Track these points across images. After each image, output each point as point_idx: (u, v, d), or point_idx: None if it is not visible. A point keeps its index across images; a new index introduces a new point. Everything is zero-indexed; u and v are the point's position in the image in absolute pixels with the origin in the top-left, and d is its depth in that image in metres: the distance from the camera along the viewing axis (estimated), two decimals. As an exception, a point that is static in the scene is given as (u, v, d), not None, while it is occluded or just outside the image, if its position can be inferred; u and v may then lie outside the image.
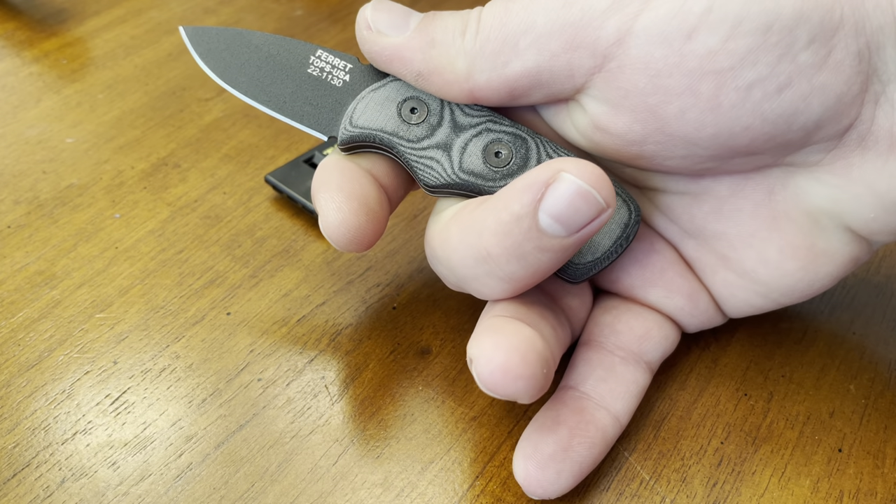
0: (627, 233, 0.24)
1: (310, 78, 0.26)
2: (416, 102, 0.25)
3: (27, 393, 0.26)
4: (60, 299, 0.29)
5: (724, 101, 0.21)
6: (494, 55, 0.23)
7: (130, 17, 0.44)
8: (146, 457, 0.24)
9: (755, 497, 0.24)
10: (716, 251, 0.25)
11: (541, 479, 0.23)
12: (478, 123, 0.25)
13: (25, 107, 0.38)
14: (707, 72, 0.21)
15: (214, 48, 0.27)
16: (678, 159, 0.23)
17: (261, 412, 0.26)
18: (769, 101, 0.21)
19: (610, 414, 0.24)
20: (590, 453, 0.23)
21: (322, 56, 0.26)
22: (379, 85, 0.25)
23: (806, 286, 0.25)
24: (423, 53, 0.24)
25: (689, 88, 0.21)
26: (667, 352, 0.26)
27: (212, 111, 0.38)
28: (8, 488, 0.23)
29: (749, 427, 0.26)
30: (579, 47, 0.22)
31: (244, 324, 0.28)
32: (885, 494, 0.24)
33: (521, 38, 0.22)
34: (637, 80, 0.22)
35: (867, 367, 0.28)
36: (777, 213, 0.24)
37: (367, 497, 0.24)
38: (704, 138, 0.22)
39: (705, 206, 0.25)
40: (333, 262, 0.31)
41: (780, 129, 0.22)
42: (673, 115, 0.22)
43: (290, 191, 0.32)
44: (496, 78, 0.23)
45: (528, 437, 0.24)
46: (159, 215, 0.32)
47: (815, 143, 0.22)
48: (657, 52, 0.21)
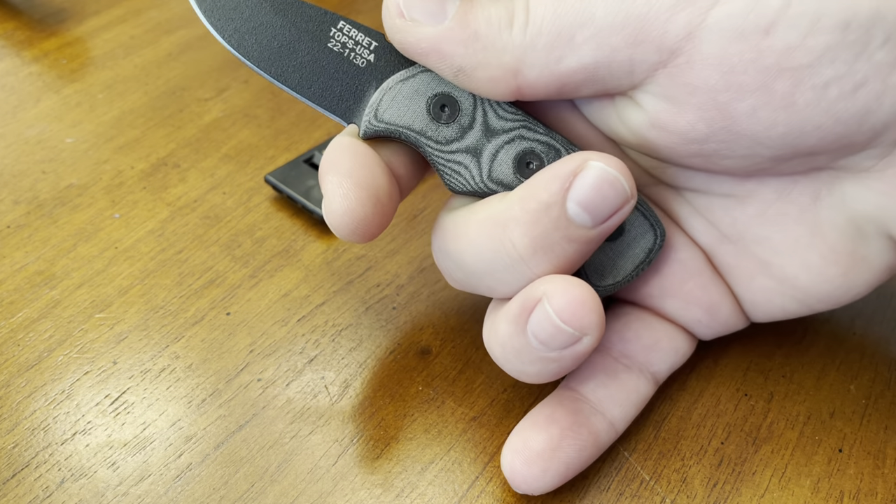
0: (651, 257, 0.24)
1: (330, 53, 0.23)
2: (448, 99, 0.23)
3: (27, 393, 0.26)
4: (60, 299, 0.29)
5: (799, 100, 0.21)
6: (548, 50, 0.21)
7: (130, 16, 0.44)
8: (146, 457, 0.24)
9: (755, 497, 0.24)
10: (756, 256, 0.25)
11: (525, 475, 0.23)
12: (511, 129, 0.23)
13: (25, 107, 0.38)
14: (784, 69, 0.20)
15: (223, 6, 0.24)
16: (737, 159, 0.22)
17: (260, 412, 0.26)
18: (844, 100, 0.20)
19: (606, 419, 0.24)
20: (578, 455, 0.23)
21: (345, 29, 0.23)
22: (408, 75, 0.23)
23: (843, 293, 0.24)
24: (466, 47, 0.22)
25: (763, 85, 0.20)
26: (675, 364, 0.26)
27: (211, 111, 0.38)
28: (7, 488, 0.23)
29: (749, 427, 0.26)
30: (644, 42, 0.21)
31: (244, 324, 0.28)
32: (886, 495, 0.24)
33: (579, 32, 0.21)
34: (708, 76, 0.21)
35: (867, 368, 0.28)
36: (822, 218, 0.24)
37: (367, 497, 0.24)
38: (773, 137, 0.21)
39: (749, 210, 0.24)
40: (333, 262, 0.31)
41: (850, 128, 0.21)
42: (743, 112, 0.21)
43: (290, 191, 0.32)
44: (548, 74, 0.22)
45: (519, 432, 0.23)
46: (159, 215, 0.32)
47: (875, 146, 0.22)
48: (732, 47, 0.20)
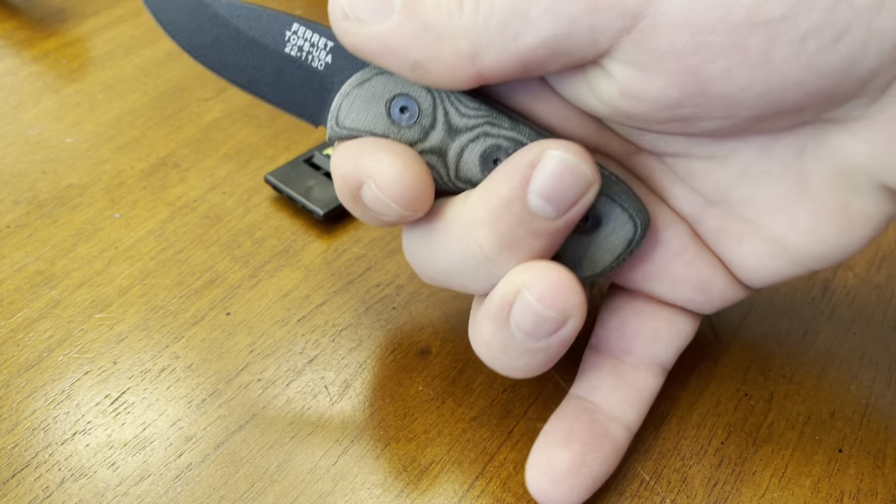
0: (632, 248, 0.23)
1: (288, 59, 0.23)
2: (406, 100, 0.22)
3: (27, 393, 0.26)
4: (60, 299, 0.29)
5: (775, 56, 0.19)
6: (503, 28, 0.20)
7: (130, 16, 0.44)
8: (146, 457, 0.24)
9: (755, 497, 0.24)
10: (743, 218, 0.24)
11: (553, 494, 0.23)
12: (474, 126, 0.22)
13: (25, 107, 0.38)
14: (756, 24, 0.19)
15: (181, 21, 0.23)
16: (715, 121, 0.21)
17: (260, 412, 0.26)
18: (825, 52, 0.19)
19: (622, 425, 0.24)
20: (602, 468, 0.23)
21: (299, 32, 0.23)
22: (363, 77, 0.22)
23: (840, 251, 0.23)
24: (418, 39, 0.20)
25: (735, 44, 0.19)
26: (680, 347, 0.26)
27: (211, 111, 0.38)
28: (7, 488, 0.23)
29: (749, 427, 0.26)
30: (603, 8, 0.19)
31: (244, 324, 0.28)
32: (886, 495, 0.24)
33: (533, 6, 0.19)
34: (674, 39, 0.19)
35: (867, 368, 0.28)
36: (808, 173, 0.23)
37: (367, 497, 0.24)
38: (751, 98, 0.20)
39: (730, 170, 0.23)
40: (333, 262, 0.31)
41: (835, 81, 0.20)
42: (717, 74, 0.19)
43: (290, 191, 0.32)
44: (507, 54, 0.20)
45: (541, 451, 0.23)
46: (159, 215, 0.32)
47: (863, 95, 0.20)
48: (697, 5, 0.19)
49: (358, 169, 0.22)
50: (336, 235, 0.32)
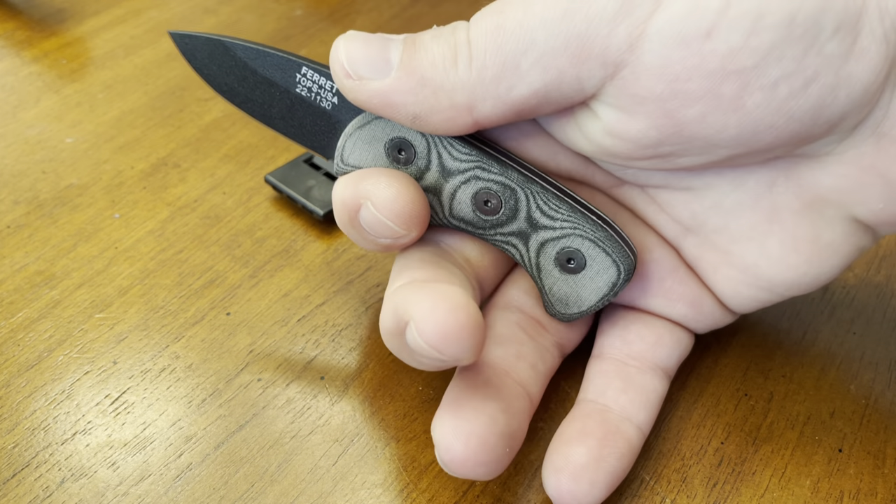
0: (616, 290, 0.24)
1: (299, 99, 0.25)
2: (403, 143, 0.24)
3: (27, 393, 0.26)
4: (60, 299, 0.29)
5: (748, 102, 0.20)
6: (496, 81, 0.21)
7: (130, 17, 0.44)
8: (146, 457, 0.24)
9: (755, 497, 0.24)
10: (717, 247, 0.25)
11: (574, 490, 0.22)
12: (466, 169, 0.24)
13: (25, 107, 0.38)
14: (730, 72, 0.20)
15: (204, 58, 0.26)
16: (693, 157, 0.22)
17: (261, 412, 0.26)
18: (795, 97, 0.20)
19: (633, 425, 0.24)
20: (620, 464, 0.23)
21: (308, 74, 0.24)
22: (365, 120, 0.24)
23: (811, 279, 0.24)
24: (416, 95, 0.22)
25: (710, 91, 0.20)
26: (682, 356, 0.26)
27: (211, 111, 0.38)
28: (7, 488, 0.23)
29: (749, 427, 0.26)
30: (588, 59, 0.20)
31: (244, 324, 0.28)
32: (886, 494, 0.24)
33: (522, 59, 0.21)
34: (653, 85, 0.20)
35: (867, 367, 0.28)
36: (779, 205, 0.24)
37: (367, 497, 0.24)
38: (725, 139, 0.21)
39: (706, 202, 0.25)
40: (333, 262, 0.31)
41: (805, 125, 0.21)
42: (693, 119, 0.21)
43: (290, 191, 0.32)
44: (501, 104, 0.22)
45: (557, 450, 0.23)
46: (159, 215, 0.32)
47: (833, 134, 0.21)
48: (674, 54, 0.20)
49: (357, 192, 0.23)
50: (336, 235, 0.32)
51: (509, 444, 0.22)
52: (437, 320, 0.19)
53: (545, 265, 0.24)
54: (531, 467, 0.25)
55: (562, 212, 0.24)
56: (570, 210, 0.24)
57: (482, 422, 0.21)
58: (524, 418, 0.23)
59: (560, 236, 0.24)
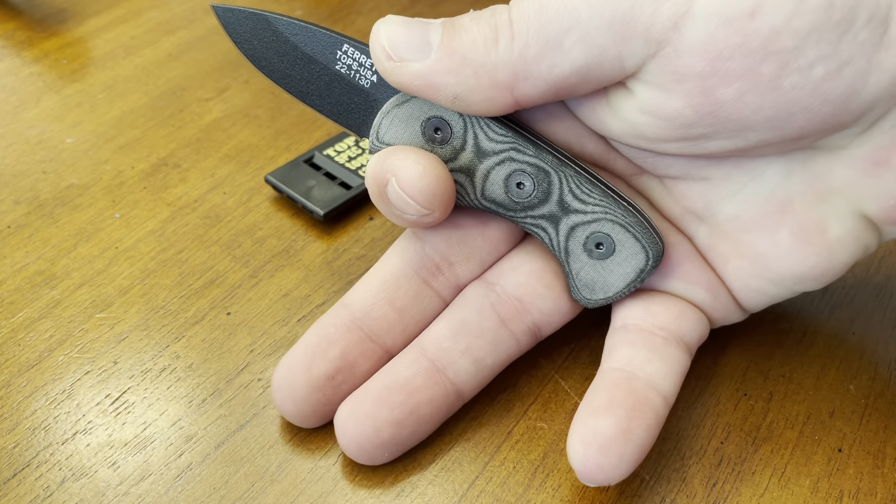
0: (643, 276, 0.24)
1: (338, 76, 0.25)
2: (440, 123, 0.24)
3: (27, 393, 0.26)
4: (60, 299, 0.29)
5: (785, 83, 0.21)
6: (538, 59, 0.21)
7: (130, 17, 0.44)
8: (146, 457, 0.24)
9: (755, 497, 0.24)
10: (729, 236, 0.25)
11: (603, 463, 0.22)
12: (501, 150, 0.24)
13: (25, 107, 0.38)
14: (770, 52, 0.20)
15: (245, 32, 0.26)
16: (723, 142, 0.23)
17: (261, 412, 0.26)
18: (830, 80, 0.21)
19: (660, 395, 0.23)
20: (647, 435, 0.22)
21: (349, 52, 0.25)
22: (403, 99, 0.24)
23: (818, 274, 0.25)
24: (457, 75, 0.22)
25: (749, 70, 0.21)
26: (702, 336, 0.26)
27: (212, 111, 0.38)
28: (8, 488, 0.23)
29: (749, 427, 0.26)
30: (632, 38, 0.21)
31: (244, 324, 0.28)
32: (885, 494, 0.24)
33: (566, 37, 0.21)
34: (694, 63, 0.21)
35: (867, 367, 0.28)
36: (792, 195, 0.24)
37: (367, 497, 0.24)
38: (760, 121, 0.22)
39: (723, 191, 0.25)
40: (333, 262, 0.31)
41: (838, 108, 0.21)
42: (730, 98, 0.21)
43: (290, 191, 0.32)
44: (542, 83, 0.22)
45: (584, 422, 0.22)
46: (159, 215, 0.33)
47: (857, 125, 0.22)
48: (718, 33, 0.20)
49: (384, 167, 0.23)
50: (336, 235, 0.32)
51: (400, 434, 0.24)
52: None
53: (574, 249, 0.25)
54: (531, 467, 0.25)
55: (594, 196, 0.24)
56: (602, 195, 0.24)
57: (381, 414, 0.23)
58: (440, 414, 0.25)
59: (591, 220, 0.24)
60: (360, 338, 0.25)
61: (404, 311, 0.25)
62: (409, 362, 0.24)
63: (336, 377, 0.24)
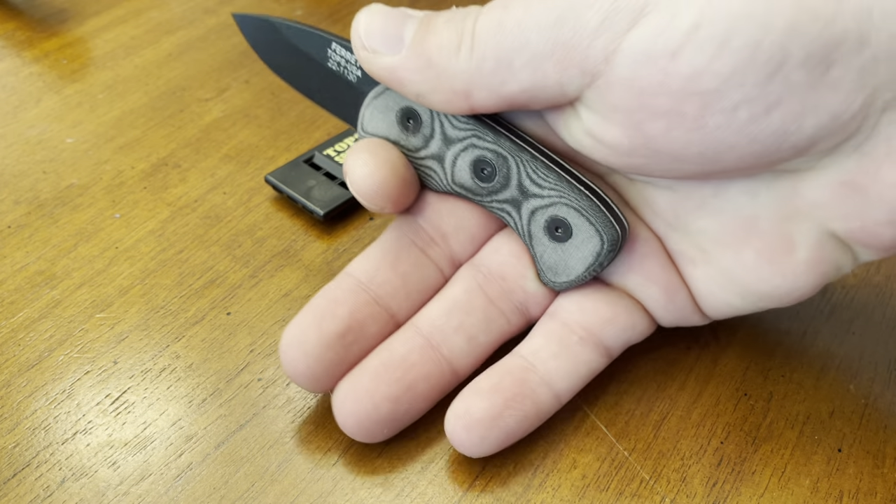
0: (601, 260, 0.24)
1: (330, 72, 0.27)
2: (411, 113, 0.25)
3: (27, 393, 0.26)
4: (60, 299, 0.29)
5: (709, 123, 0.21)
6: (492, 74, 0.22)
7: (130, 17, 0.44)
8: (146, 456, 0.24)
9: (755, 497, 0.24)
10: (696, 244, 0.25)
11: (464, 440, 0.24)
12: (464, 137, 0.25)
13: (25, 107, 0.38)
14: (691, 93, 0.20)
15: (259, 37, 0.28)
16: (665, 170, 0.23)
17: (261, 412, 0.26)
18: (756, 122, 0.20)
19: (552, 391, 0.25)
20: (519, 426, 0.24)
21: (337, 50, 0.26)
22: (380, 91, 0.26)
23: (784, 293, 0.24)
24: (421, 74, 0.23)
25: (673, 109, 0.21)
26: (630, 340, 0.26)
27: (212, 111, 0.38)
28: (8, 488, 0.24)
29: (749, 427, 0.26)
30: (570, 67, 0.22)
31: (244, 324, 0.28)
32: (885, 494, 0.24)
33: (516, 58, 0.22)
34: (623, 97, 0.21)
35: (867, 367, 0.28)
36: (758, 216, 0.24)
37: (367, 497, 0.24)
38: (690, 156, 0.22)
39: (689, 204, 0.25)
40: (333, 262, 0.31)
41: (769, 148, 0.21)
42: (658, 133, 0.22)
43: (290, 191, 0.32)
44: (495, 96, 0.23)
45: (464, 398, 0.24)
46: (159, 215, 0.33)
47: (806, 156, 0.22)
48: (642, 70, 0.21)
49: (346, 165, 0.25)
50: (336, 235, 0.32)
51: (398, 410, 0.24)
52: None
53: (536, 233, 0.25)
54: (531, 467, 0.25)
55: (549, 180, 0.24)
56: (558, 179, 0.24)
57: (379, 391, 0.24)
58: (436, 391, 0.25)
59: (548, 204, 0.25)
60: (366, 300, 0.25)
61: (407, 276, 0.26)
62: (405, 340, 0.25)
63: (346, 336, 0.25)
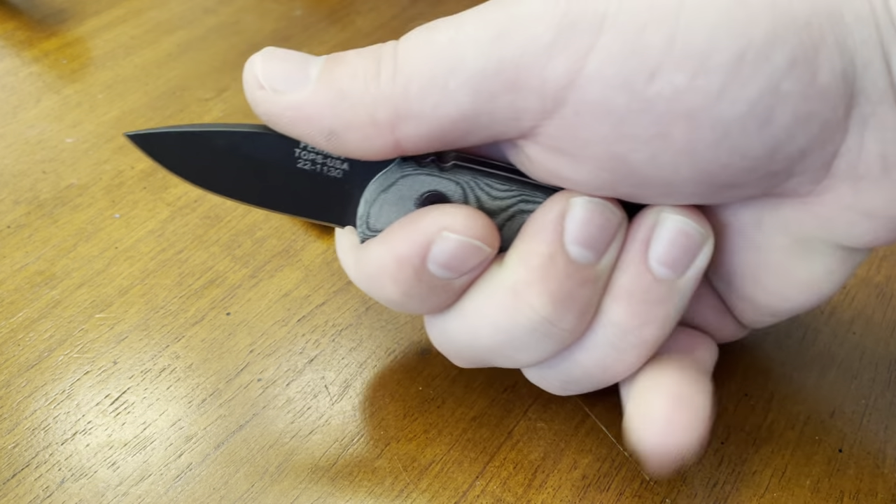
0: None
1: (302, 173, 0.23)
2: (437, 197, 0.22)
3: (27, 393, 0.26)
4: (60, 299, 0.29)
5: (698, 144, 0.19)
6: (421, 97, 0.20)
7: (130, 17, 0.44)
8: (146, 457, 0.24)
9: (755, 497, 0.24)
10: (720, 278, 0.25)
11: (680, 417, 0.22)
12: (508, 206, 0.22)
13: (25, 107, 0.38)
14: (678, 115, 0.19)
15: (177, 155, 0.23)
16: (656, 197, 0.21)
17: (261, 412, 0.26)
18: (747, 137, 0.19)
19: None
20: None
21: (308, 147, 0.22)
22: (387, 183, 0.22)
23: (814, 303, 0.24)
24: (333, 108, 0.20)
25: (658, 134, 0.19)
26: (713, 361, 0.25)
27: (212, 111, 0.38)
28: (7, 488, 0.23)
29: (749, 427, 0.26)
30: (523, 88, 0.19)
31: (244, 324, 0.28)
32: (886, 494, 0.24)
33: (451, 77, 0.19)
34: (598, 128, 0.19)
35: (867, 368, 0.28)
36: (769, 244, 0.23)
37: (366, 497, 0.24)
38: (681, 180, 0.20)
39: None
40: (333, 262, 0.31)
41: (761, 163, 0.20)
42: (644, 161, 0.20)
43: (290, 191, 0.32)
44: (426, 125, 0.20)
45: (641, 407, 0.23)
46: (159, 215, 0.33)
47: (800, 173, 0.20)
48: (618, 97, 0.19)
49: (420, 234, 0.21)
50: (336, 235, 0.32)
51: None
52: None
53: None
54: (531, 467, 0.25)
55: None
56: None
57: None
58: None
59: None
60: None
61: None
62: None
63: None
